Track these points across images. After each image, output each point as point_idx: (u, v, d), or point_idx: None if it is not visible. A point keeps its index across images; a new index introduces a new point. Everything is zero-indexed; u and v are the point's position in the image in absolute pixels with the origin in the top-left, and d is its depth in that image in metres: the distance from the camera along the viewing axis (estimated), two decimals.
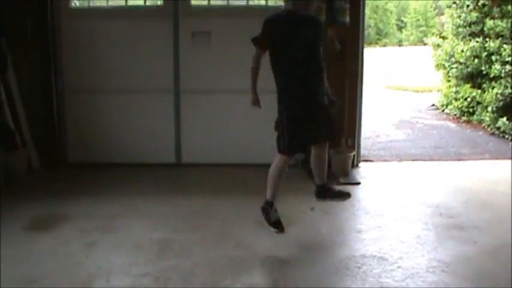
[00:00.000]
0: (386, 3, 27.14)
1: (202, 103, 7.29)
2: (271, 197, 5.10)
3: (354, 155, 7.21)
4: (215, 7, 7.37)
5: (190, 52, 7.19)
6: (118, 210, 5.82)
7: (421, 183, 6.93)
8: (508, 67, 9.78)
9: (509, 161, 8.02)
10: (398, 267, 4.63)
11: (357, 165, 7.41)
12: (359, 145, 7.46)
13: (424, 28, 25.60)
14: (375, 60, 19.32)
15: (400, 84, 16.45)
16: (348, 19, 6.83)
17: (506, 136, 9.60)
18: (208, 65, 7.21)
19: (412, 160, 8.02)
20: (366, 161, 7.72)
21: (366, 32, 8.08)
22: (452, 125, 10.93)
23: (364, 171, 7.27)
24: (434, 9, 25.44)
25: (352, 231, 5.34)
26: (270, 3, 7.63)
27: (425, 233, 5.34)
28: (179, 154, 7.43)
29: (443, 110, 12.03)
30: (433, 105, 12.66)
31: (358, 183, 6.75)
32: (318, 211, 5.65)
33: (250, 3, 7.57)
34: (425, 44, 13.68)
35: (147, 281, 4.28)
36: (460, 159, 8.21)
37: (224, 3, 7.42)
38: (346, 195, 5.49)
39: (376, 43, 26.19)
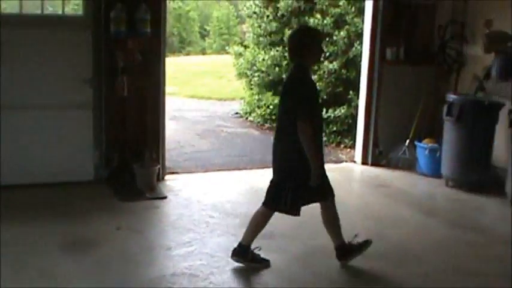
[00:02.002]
0: (189, 11, 27.21)
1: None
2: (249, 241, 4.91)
3: (159, 168, 7.03)
4: (4, 16, 6.82)
5: None
6: None
7: (227, 193, 6.93)
8: None
9: None
10: (210, 283, 4.60)
11: (163, 179, 7.23)
12: (164, 157, 7.29)
13: (227, 36, 25.94)
14: (179, 69, 19.29)
15: (204, 93, 16.52)
16: (148, 29, 6.67)
17: None
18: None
19: (218, 170, 7.99)
20: (172, 173, 7.55)
21: (169, 41, 7.98)
22: (256, 132, 11.12)
23: (170, 184, 7.10)
24: (237, 18, 25.89)
25: (162, 249, 5.19)
26: (67, 11, 7.27)
27: (235, 245, 5.28)
28: None
29: (246, 118, 12.20)
30: (237, 113, 12.82)
31: (165, 198, 6.59)
32: (125, 230, 5.42)
33: (45, 12, 7.12)
34: (228, 53, 13.82)
35: None
36: (265, 167, 8.30)
37: (16, 11, 6.90)
38: (367, 244, 5.01)
39: (180, 52, 26.15)
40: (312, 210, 6.31)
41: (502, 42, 7.40)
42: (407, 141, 8.23)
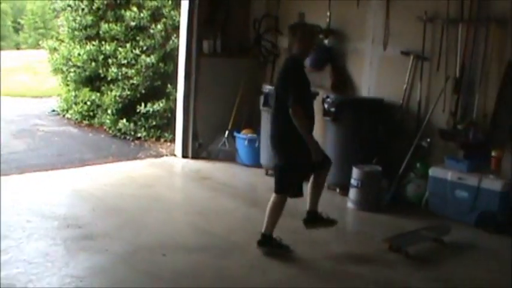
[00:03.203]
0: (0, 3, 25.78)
1: None
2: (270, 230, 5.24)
3: None
4: None
5: None
6: None
7: (45, 195, 6.64)
8: (124, 69, 10.00)
9: (132, 161, 8.38)
10: None
11: None
12: None
13: (43, 31, 24.85)
14: None
15: (18, 90, 15.76)
16: None
17: (128, 137, 9.85)
18: None
19: (34, 171, 7.62)
20: None
21: None
22: (74, 130, 10.78)
23: None
24: (53, 11, 24.93)
25: None
26: None
27: (54, 248, 5.14)
28: None
29: (64, 115, 11.79)
30: (54, 110, 12.35)
31: None
32: None
33: None
34: (43, 48, 13.22)
35: None
36: (84, 165, 8.10)
37: None
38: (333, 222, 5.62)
39: None
40: (134, 210, 6.26)
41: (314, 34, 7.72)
42: (227, 132, 8.36)
